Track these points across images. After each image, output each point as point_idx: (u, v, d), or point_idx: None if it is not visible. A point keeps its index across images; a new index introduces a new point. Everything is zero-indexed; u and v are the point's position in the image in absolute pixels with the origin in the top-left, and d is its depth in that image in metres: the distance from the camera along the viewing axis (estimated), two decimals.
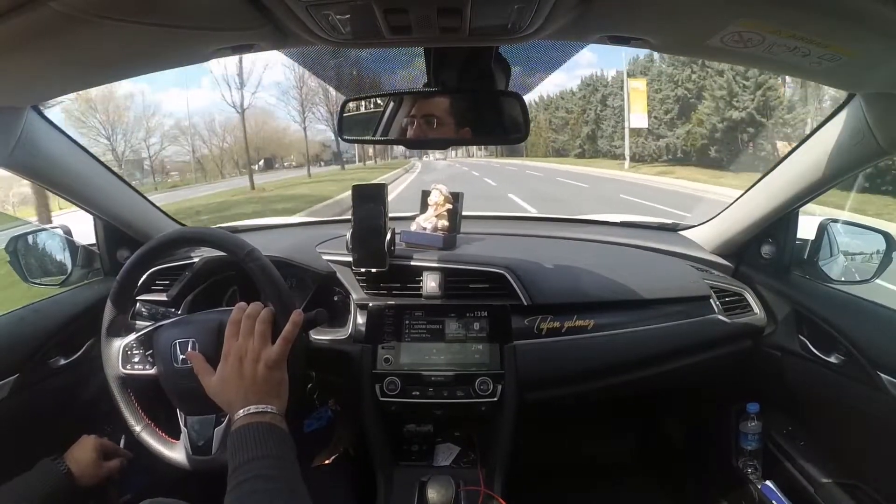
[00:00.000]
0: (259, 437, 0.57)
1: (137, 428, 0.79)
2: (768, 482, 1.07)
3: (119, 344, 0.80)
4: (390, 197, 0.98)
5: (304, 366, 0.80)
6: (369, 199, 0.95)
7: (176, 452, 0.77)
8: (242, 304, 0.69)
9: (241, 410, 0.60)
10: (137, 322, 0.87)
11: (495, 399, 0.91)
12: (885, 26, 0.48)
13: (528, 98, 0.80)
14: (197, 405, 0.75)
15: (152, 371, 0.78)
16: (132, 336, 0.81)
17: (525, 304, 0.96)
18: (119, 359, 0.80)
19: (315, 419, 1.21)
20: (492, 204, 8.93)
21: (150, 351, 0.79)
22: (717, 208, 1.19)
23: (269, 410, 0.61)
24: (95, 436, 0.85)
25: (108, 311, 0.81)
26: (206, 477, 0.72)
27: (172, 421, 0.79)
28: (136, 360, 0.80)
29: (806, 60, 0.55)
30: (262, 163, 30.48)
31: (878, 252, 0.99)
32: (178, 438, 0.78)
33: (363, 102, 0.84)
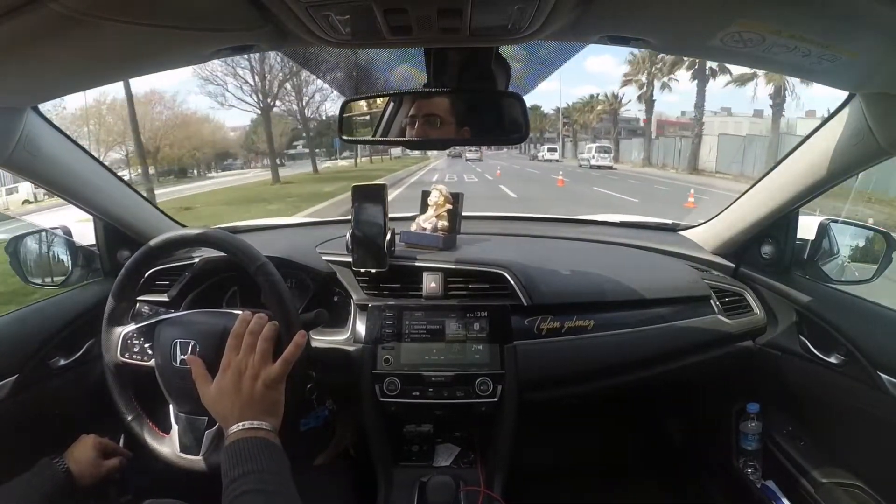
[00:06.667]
0: (254, 451, 0.57)
1: (128, 417, 0.79)
2: (768, 482, 1.07)
3: (120, 331, 0.81)
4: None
5: (304, 369, 0.80)
6: (369, 200, 0.95)
7: (164, 446, 0.77)
8: (247, 314, 0.69)
9: (236, 426, 0.60)
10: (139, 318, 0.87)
11: (495, 399, 0.91)
12: (885, 26, 0.48)
13: None
14: (191, 404, 0.75)
15: (150, 363, 0.78)
16: (134, 325, 0.81)
17: (525, 304, 0.96)
18: (118, 346, 0.80)
19: (312, 418, 1.21)
20: None
21: (150, 343, 0.79)
22: None
23: (264, 427, 0.61)
24: (95, 435, 0.85)
25: (111, 300, 0.81)
26: (195, 476, 0.73)
27: (164, 414, 0.79)
28: (136, 349, 0.80)
29: (806, 60, 0.55)
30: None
31: (878, 252, 0.99)
32: (168, 433, 0.78)
33: (363, 103, 0.84)
